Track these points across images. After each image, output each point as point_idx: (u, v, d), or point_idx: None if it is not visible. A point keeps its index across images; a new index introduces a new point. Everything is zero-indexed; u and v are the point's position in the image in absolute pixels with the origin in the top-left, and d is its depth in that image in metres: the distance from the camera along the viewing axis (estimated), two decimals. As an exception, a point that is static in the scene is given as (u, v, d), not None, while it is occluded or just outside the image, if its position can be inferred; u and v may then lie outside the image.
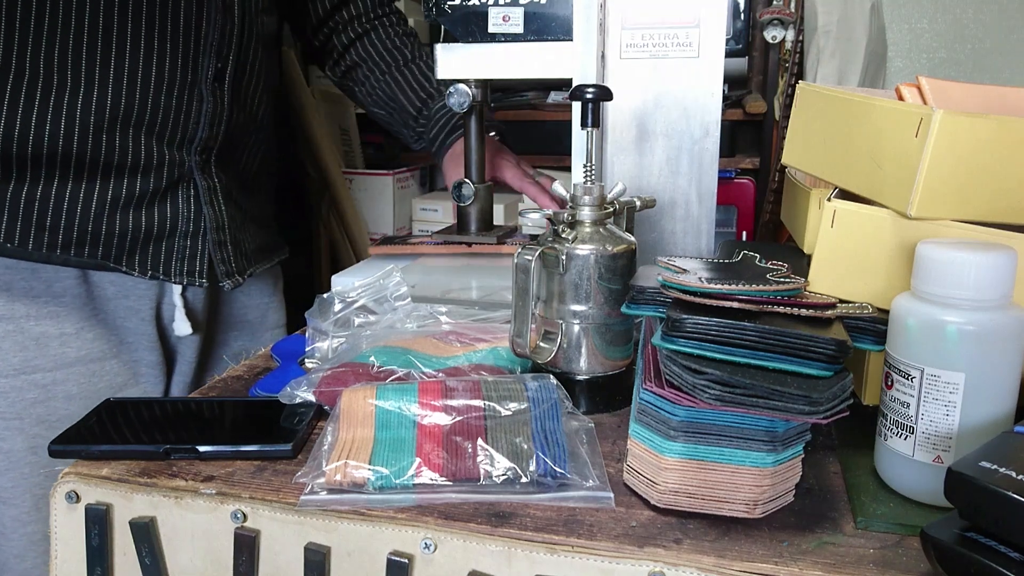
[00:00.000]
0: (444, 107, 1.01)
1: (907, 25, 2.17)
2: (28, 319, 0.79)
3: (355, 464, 0.51)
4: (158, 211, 0.82)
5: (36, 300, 0.79)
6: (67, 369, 0.80)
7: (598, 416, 0.62)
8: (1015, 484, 0.37)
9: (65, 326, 0.80)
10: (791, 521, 0.48)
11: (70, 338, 0.81)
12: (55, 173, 0.77)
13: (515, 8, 0.82)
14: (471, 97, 0.84)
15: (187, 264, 0.84)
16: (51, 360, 0.80)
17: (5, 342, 0.78)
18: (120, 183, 0.79)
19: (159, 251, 0.83)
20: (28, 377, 0.78)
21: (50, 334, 0.80)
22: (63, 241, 0.78)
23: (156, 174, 0.81)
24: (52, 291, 0.80)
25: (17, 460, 0.78)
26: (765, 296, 0.50)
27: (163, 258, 0.83)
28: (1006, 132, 0.51)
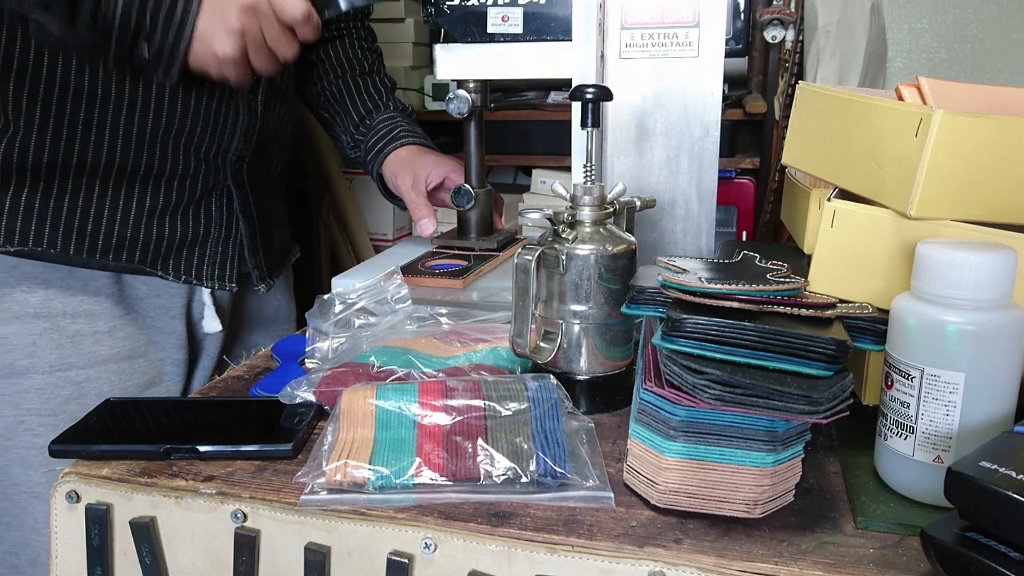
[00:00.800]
0: (389, 119, 1.01)
1: (907, 25, 2.17)
2: (65, 317, 0.80)
3: (355, 464, 0.51)
4: (192, 218, 0.85)
5: (73, 298, 0.81)
6: (100, 367, 0.82)
7: (598, 416, 0.62)
8: (1015, 484, 0.37)
9: (99, 324, 0.82)
10: (791, 521, 0.48)
11: (103, 336, 0.82)
12: (95, 183, 0.79)
13: (514, 8, 0.82)
14: (470, 102, 0.84)
15: (218, 269, 0.88)
16: (85, 358, 0.81)
17: (42, 339, 0.79)
18: (158, 192, 0.82)
19: (192, 256, 0.86)
20: (63, 374, 0.80)
21: (84, 332, 0.81)
22: (102, 247, 0.81)
23: (192, 183, 0.84)
24: (88, 289, 0.82)
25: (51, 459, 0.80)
26: (765, 296, 0.50)
27: (196, 263, 0.86)
28: (1006, 132, 0.51)
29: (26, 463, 0.80)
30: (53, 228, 0.78)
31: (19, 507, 0.80)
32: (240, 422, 0.62)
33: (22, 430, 0.79)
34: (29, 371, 0.79)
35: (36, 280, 0.79)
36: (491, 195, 0.94)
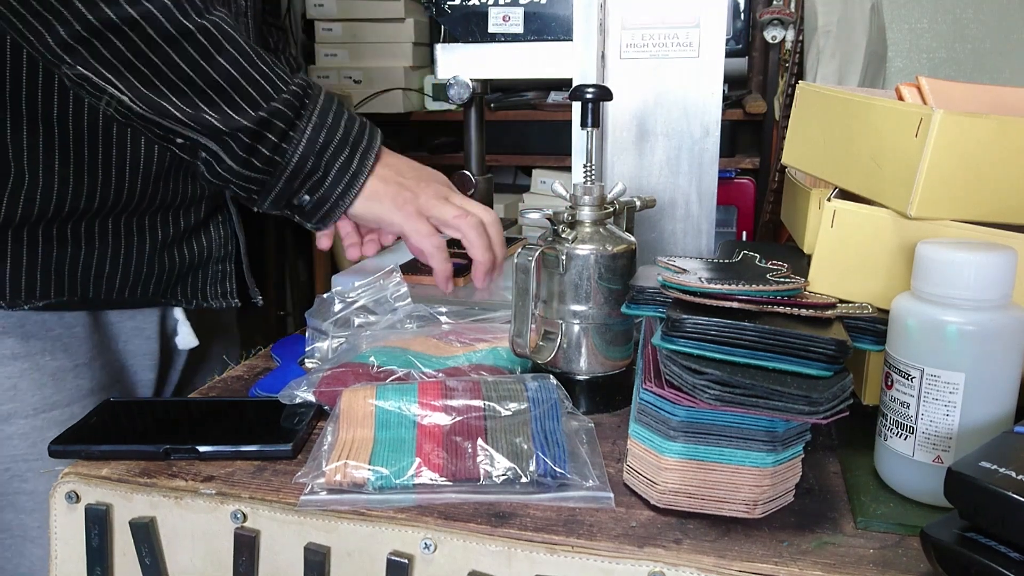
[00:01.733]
0: None
1: (907, 25, 2.17)
2: (44, 354, 0.76)
3: (355, 464, 0.51)
4: (196, 243, 0.84)
5: (50, 333, 0.77)
6: (83, 401, 0.78)
7: (598, 416, 0.62)
8: (1015, 484, 0.37)
9: (78, 357, 0.78)
10: (791, 521, 0.48)
11: (83, 369, 0.79)
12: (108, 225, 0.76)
13: (515, 8, 0.82)
14: (471, 88, 0.83)
15: (220, 287, 0.87)
16: (68, 395, 0.78)
17: (22, 382, 0.75)
18: (167, 223, 0.80)
19: (196, 280, 0.85)
20: (47, 415, 0.76)
21: (66, 367, 0.78)
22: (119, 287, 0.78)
23: (196, 208, 0.83)
24: (64, 322, 0.77)
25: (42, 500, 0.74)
26: (765, 296, 0.50)
27: (199, 285, 0.85)
28: (1006, 132, 0.51)
29: (18, 508, 0.77)
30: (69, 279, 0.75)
31: (13, 551, 0.78)
32: (240, 422, 0.62)
33: (9, 477, 0.76)
34: (12, 416, 0.75)
35: (10, 319, 0.74)
36: (491, 183, 0.93)
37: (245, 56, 0.62)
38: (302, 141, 0.64)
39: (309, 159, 0.65)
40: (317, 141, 0.65)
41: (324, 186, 0.66)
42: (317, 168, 0.66)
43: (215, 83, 0.61)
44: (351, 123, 0.67)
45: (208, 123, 0.61)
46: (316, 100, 0.66)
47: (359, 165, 0.67)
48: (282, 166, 0.65)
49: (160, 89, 0.60)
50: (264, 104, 0.63)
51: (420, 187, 0.70)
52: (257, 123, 0.62)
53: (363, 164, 0.67)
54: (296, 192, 0.66)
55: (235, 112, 0.62)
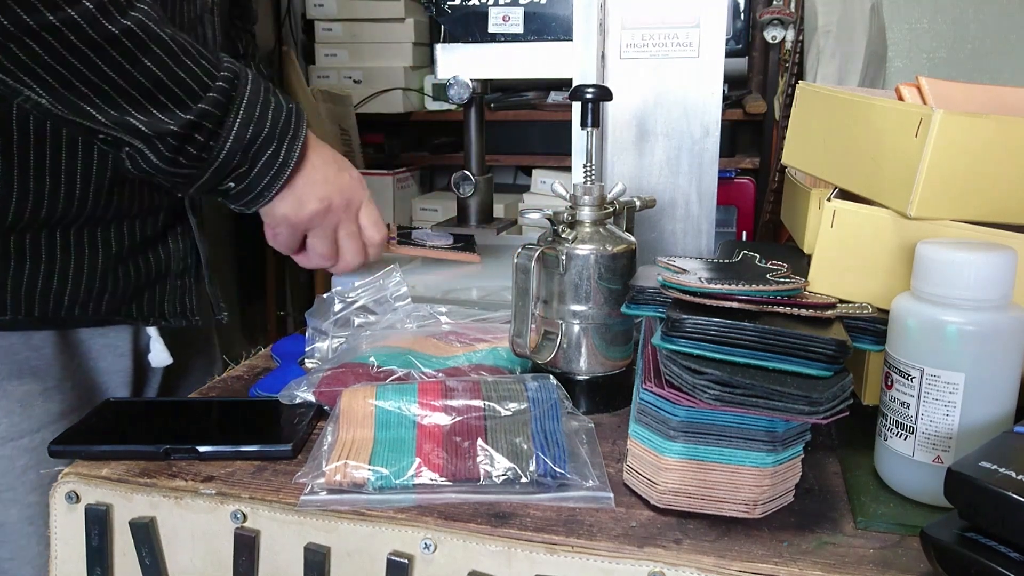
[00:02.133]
0: None
1: (907, 25, 2.17)
2: (10, 379, 0.72)
3: (355, 464, 0.51)
4: (152, 257, 0.79)
5: (16, 357, 0.72)
6: (53, 426, 0.73)
7: (598, 416, 0.62)
8: (1015, 484, 0.37)
9: (47, 380, 0.74)
10: (791, 521, 0.48)
11: (52, 392, 0.74)
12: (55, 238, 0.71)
13: (515, 8, 0.82)
14: (471, 88, 0.83)
15: (178, 304, 0.82)
16: (37, 420, 0.73)
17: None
18: (121, 234, 0.76)
19: (154, 295, 0.80)
20: (16, 443, 0.72)
21: (34, 392, 0.73)
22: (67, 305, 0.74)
23: (153, 219, 0.78)
24: (31, 344, 0.73)
25: (13, 532, 0.73)
26: (765, 296, 0.50)
27: (157, 301, 0.80)
28: (1006, 132, 0.51)
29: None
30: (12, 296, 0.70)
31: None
32: (240, 422, 0.62)
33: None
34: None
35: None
36: (491, 183, 0.93)
37: (171, 55, 0.60)
38: (229, 138, 0.64)
39: (236, 154, 0.65)
40: (244, 137, 0.64)
41: (250, 177, 0.67)
42: (244, 162, 0.66)
43: (140, 86, 0.59)
44: (278, 112, 0.67)
45: (133, 126, 0.60)
46: (244, 91, 0.65)
47: (285, 156, 0.67)
48: (208, 161, 0.64)
49: (82, 92, 0.58)
50: (192, 105, 0.61)
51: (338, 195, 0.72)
52: (185, 126, 0.61)
53: (289, 155, 0.68)
54: (222, 181, 0.66)
55: (162, 114, 0.60)
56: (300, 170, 0.69)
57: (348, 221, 0.74)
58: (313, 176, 0.70)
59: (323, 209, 0.71)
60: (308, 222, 0.71)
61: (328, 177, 0.71)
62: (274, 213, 0.70)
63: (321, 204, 0.71)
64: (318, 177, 0.71)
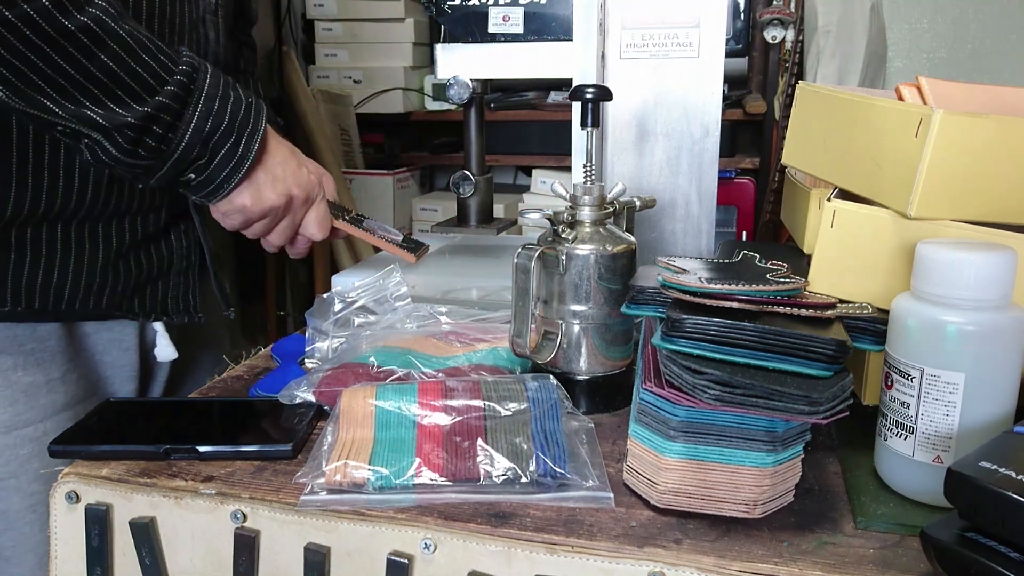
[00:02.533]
0: None
1: (907, 25, 2.17)
2: (16, 370, 0.73)
3: (355, 464, 0.51)
4: (155, 253, 0.80)
5: (21, 348, 0.74)
6: (58, 416, 0.75)
7: (598, 416, 0.62)
8: (1015, 484, 0.37)
9: (52, 371, 0.76)
10: (791, 521, 0.48)
11: (57, 384, 0.76)
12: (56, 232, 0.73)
13: (515, 8, 0.82)
14: (471, 88, 0.83)
15: (181, 301, 0.83)
16: (41, 411, 0.75)
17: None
18: (123, 230, 0.77)
19: (156, 292, 0.81)
20: (20, 432, 0.74)
21: (38, 383, 0.75)
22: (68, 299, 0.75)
23: (156, 215, 0.79)
24: (37, 335, 0.75)
25: (16, 519, 0.74)
26: (765, 296, 0.50)
27: (159, 297, 0.81)
28: (1006, 132, 0.51)
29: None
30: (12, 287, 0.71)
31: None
32: (240, 422, 0.62)
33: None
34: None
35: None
36: (491, 183, 0.93)
37: (128, 50, 0.61)
38: (188, 131, 0.65)
39: (195, 147, 0.65)
40: (203, 129, 0.65)
41: (209, 169, 0.67)
42: (203, 154, 0.66)
43: (97, 80, 0.60)
44: (237, 105, 0.68)
45: (90, 119, 0.61)
46: (203, 85, 0.65)
47: (244, 149, 0.68)
48: (167, 153, 0.65)
49: (39, 86, 0.58)
50: (148, 98, 0.62)
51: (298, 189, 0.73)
52: (142, 118, 0.62)
53: (248, 148, 0.68)
54: (182, 173, 0.67)
55: (119, 107, 0.61)
56: (260, 163, 0.70)
57: (301, 214, 0.75)
58: (273, 170, 0.71)
59: (282, 204, 0.72)
60: (263, 214, 0.72)
61: (288, 171, 0.72)
62: (232, 202, 0.71)
63: (280, 199, 0.72)
64: (278, 171, 0.72)
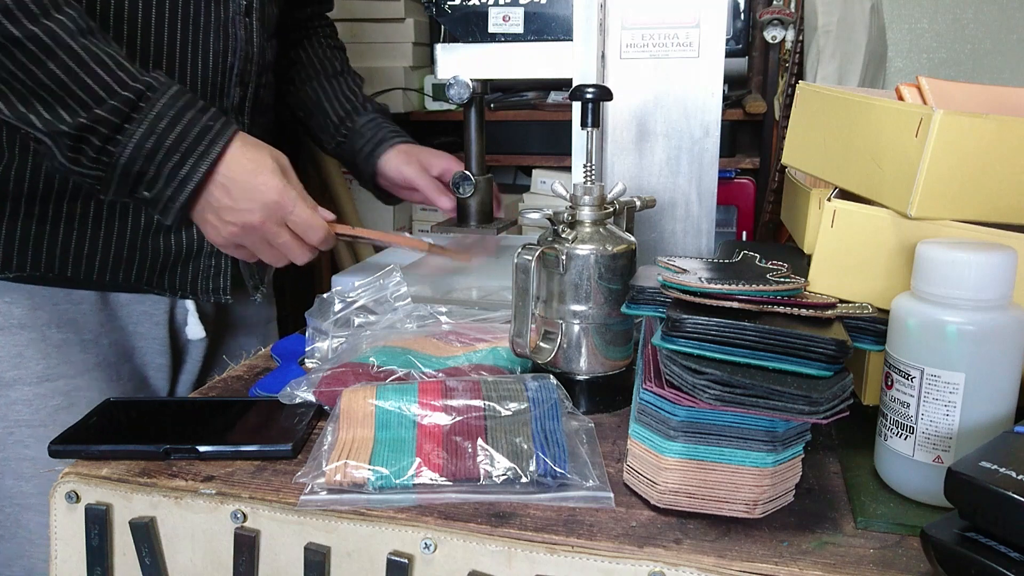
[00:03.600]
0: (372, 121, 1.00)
1: (907, 25, 2.17)
2: (50, 326, 0.79)
3: (355, 464, 0.51)
4: (186, 233, 0.83)
5: (57, 307, 0.79)
6: (88, 375, 0.81)
7: (598, 416, 0.62)
8: (1015, 484, 0.37)
9: (84, 332, 0.81)
10: (791, 521, 0.48)
11: (89, 344, 0.81)
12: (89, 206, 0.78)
13: (515, 8, 0.82)
14: (471, 88, 0.83)
15: (212, 282, 0.86)
16: (73, 367, 0.80)
17: (28, 350, 0.78)
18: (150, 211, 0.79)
19: (186, 272, 0.85)
20: (52, 384, 0.79)
21: (71, 341, 0.80)
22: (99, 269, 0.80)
23: None
24: (71, 298, 0.80)
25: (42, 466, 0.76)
26: (765, 296, 0.50)
27: (190, 278, 0.85)
28: (1006, 132, 0.51)
29: (18, 475, 0.79)
30: (47, 255, 0.77)
31: (12, 519, 0.80)
32: (240, 422, 0.62)
33: (12, 442, 0.78)
34: (16, 382, 0.78)
35: (20, 291, 0.78)
36: (491, 183, 0.94)
37: (80, 63, 0.64)
38: (129, 145, 0.67)
39: (137, 162, 0.68)
40: (144, 147, 0.68)
41: (157, 186, 0.70)
42: (147, 170, 0.69)
43: (44, 86, 0.64)
44: (190, 128, 0.69)
45: (32, 123, 0.65)
46: (155, 104, 0.68)
47: (189, 171, 0.70)
48: (111, 166, 0.68)
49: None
50: (84, 113, 0.65)
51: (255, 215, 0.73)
52: (77, 128, 0.65)
53: (194, 170, 0.70)
54: (134, 188, 0.70)
55: (56, 116, 0.65)
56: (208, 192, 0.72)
57: (276, 234, 0.75)
58: (221, 200, 0.72)
59: (240, 231, 0.74)
60: (229, 241, 0.75)
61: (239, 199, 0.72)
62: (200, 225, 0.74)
63: (235, 227, 0.73)
64: (226, 202, 0.72)
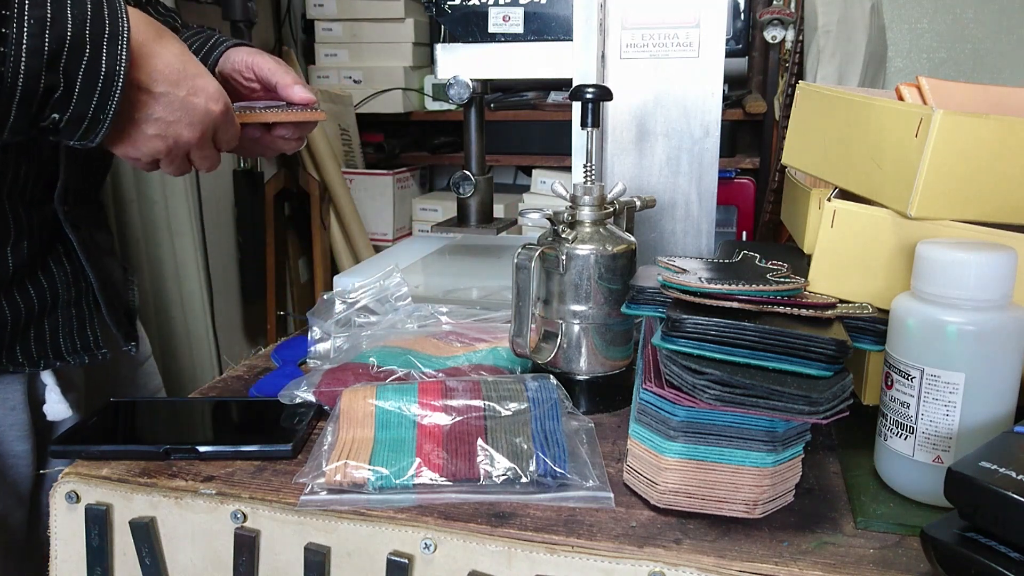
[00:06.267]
0: (200, 31, 0.78)
1: (907, 25, 2.17)
2: None
3: (355, 464, 0.51)
4: (32, 287, 0.66)
5: None
6: None
7: (598, 416, 0.62)
8: (1015, 484, 0.37)
9: None
10: (791, 521, 0.48)
11: None
12: None
13: (515, 8, 0.82)
14: (471, 88, 0.83)
15: (78, 338, 0.69)
16: None
17: None
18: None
19: (42, 332, 0.67)
20: None
21: None
22: None
23: (18, 246, 0.65)
24: None
25: None
26: (765, 296, 0.50)
27: (48, 339, 0.67)
28: (1006, 132, 0.51)
29: None
30: None
31: None
32: (240, 422, 0.62)
33: None
34: None
35: None
36: (491, 183, 0.93)
37: None
38: (21, 55, 0.49)
39: (39, 72, 0.50)
40: (41, 48, 0.49)
41: (73, 100, 0.52)
42: (56, 82, 0.51)
43: None
44: (81, 5, 0.51)
45: None
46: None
47: (109, 63, 0.52)
48: (6, 91, 0.49)
49: None
50: None
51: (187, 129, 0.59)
52: None
53: (113, 61, 0.52)
54: (39, 114, 0.52)
55: None
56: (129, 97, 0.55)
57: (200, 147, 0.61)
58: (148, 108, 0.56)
59: (164, 148, 0.59)
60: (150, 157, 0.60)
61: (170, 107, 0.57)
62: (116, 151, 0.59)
63: (161, 143, 0.58)
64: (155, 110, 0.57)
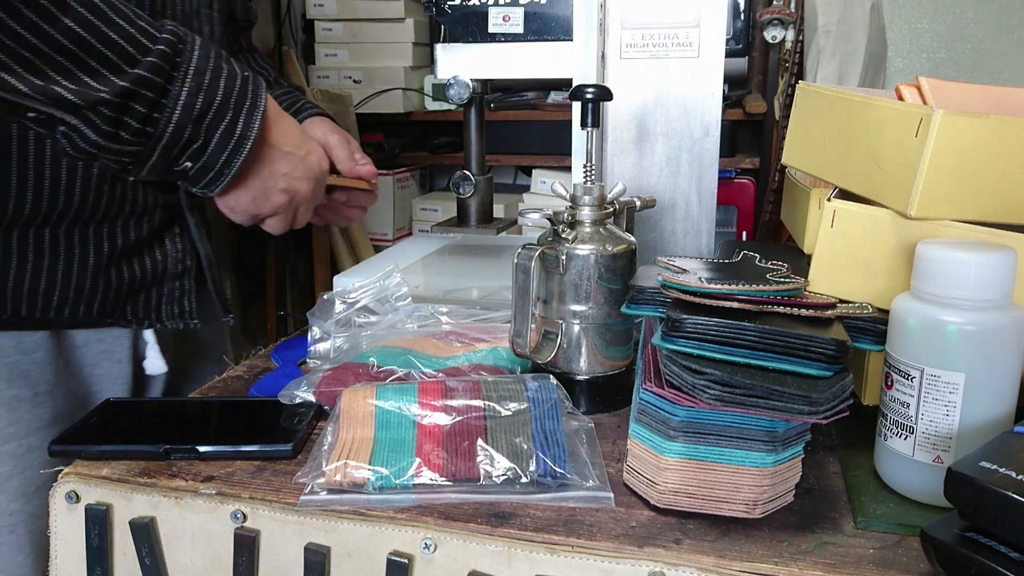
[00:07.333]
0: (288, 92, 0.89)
1: (907, 25, 2.17)
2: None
3: (355, 464, 0.51)
4: (149, 258, 0.76)
5: (5, 360, 0.69)
6: (41, 432, 0.71)
7: (598, 416, 0.62)
8: (1015, 484, 0.37)
9: (38, 385, 0.71)
10: (791, 521, 0.48)
11: (43, 398, 0.71)
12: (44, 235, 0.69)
13: (515, 8, 0.82)
14: (470, 88, 0.83)
15: (177, 306, 0.79)
16: (24, 426, 0.70)
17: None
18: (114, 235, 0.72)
19: (150, 298, 0.77)
20: (2, 448, 0.69)
21: (23, 397, 0.70)
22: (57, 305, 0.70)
23: (148, 219, 0.75)
24: (22, 347, 0.70)
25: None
26: (765, 296, 0.50)
27: (155, 304, 0.77)
28: (1006, 132, 0.51)
29: None
30: None
31: None
32: (240, 422, 0.62)
33: None
34: None
35: None
36: (491, 183, 0.93)
37: (98, 14, 0.54)
38: (176, 109, 0.57)
39: (186, 127, 0.59)
40: (194, 107, 0.58)
41: (207, 154, 0.61)
42: (196, 136, 0.60)
43: (63, 48, 0.53)
44: (232, 79, 0.61)
45: (59, 96, 0.53)
46: (191, 56, 0.58)
47: (244, 128, 0.61)
48: (155, 136, 0.58)
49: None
50: (127, 70, 0.55)
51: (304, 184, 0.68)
52: (120, 94, 0.55)
53: (248, 127, 0.62)
54: (175, 161, 0.60)
55: (93, 81, 0.54)
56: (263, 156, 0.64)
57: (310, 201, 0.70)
58: (278, 165, 0.65)
59: (287, 202, 0.68)
60: (271, 213, 0.69)
61: (294, 164, 0.67)
62: (236, 205, 0.67)
63: (285, 196, 0.67)
64: (283, 167, 0.66)
